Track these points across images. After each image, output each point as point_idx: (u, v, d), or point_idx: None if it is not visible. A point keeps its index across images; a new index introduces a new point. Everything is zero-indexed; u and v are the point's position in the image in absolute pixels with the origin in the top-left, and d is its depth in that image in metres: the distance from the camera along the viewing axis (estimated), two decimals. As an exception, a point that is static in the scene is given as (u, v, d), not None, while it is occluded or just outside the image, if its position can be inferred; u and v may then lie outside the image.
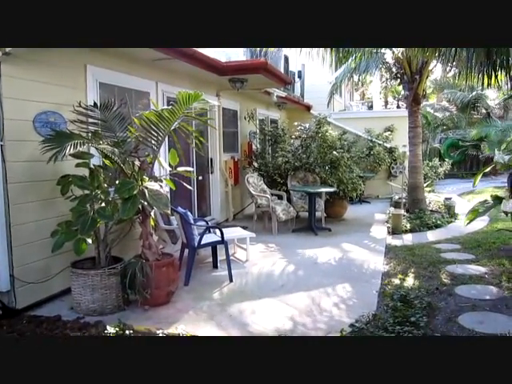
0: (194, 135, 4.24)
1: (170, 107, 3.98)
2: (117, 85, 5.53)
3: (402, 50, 9.13)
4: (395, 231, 8.01)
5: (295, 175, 9.19)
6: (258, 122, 10.81)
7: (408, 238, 7.60)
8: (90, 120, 4.55)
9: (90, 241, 3.92)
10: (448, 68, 9.33)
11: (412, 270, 5.53)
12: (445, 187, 15.15)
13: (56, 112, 4.66)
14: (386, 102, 24.85)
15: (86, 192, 4.02)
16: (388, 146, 12.84)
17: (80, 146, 3.70)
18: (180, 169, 4.73)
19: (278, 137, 10.15)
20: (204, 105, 4.11)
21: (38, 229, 4.39)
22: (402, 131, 11.42)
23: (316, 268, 5.75)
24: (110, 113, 4.59)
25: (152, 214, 4.46)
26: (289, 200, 8.71)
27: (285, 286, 5.00)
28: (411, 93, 9.52)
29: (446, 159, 16.91)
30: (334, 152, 8.97)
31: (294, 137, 10.03)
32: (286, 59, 11.46)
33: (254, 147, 10.32)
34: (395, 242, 7.29)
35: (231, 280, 5.16)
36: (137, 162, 4.16)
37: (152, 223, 4.50)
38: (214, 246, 5.59)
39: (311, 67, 13.78)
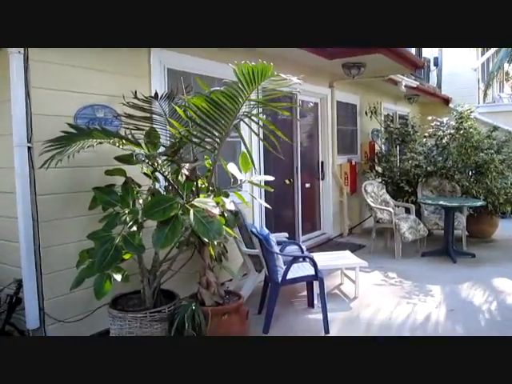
0: (261, 125, 2.89)
1: (226, 89, 2.72)
2: (193, 72, 4.42)
3: None
4: None
5: (428, 183, 7.36)
6: (382, 117, 9.12)
7: None
8: (145, 114, 3.53)
9: (118, 277, 2.84)
10: None
11: None
12: None
13: (107, 106, 3.72)
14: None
15: (118, 210, 2.95)
16: (554, 144, 10.14)
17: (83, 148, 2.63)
18: (256, 178, 3.47)
19: (406, 135, 8.36)
20: (279, 84, 2.77)
21: (78, 251, 3.46)
22: None
23: (454, 319, 4.04)
24: (170, 105, 3.55)
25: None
26: (418, 214, 6.93)
27: (404, 350, 3.44)
28: None
29: None
30: (481, 154, 6.95)
31: (427, 135, 8.16)
32: (419, 42, 9.55)
33: (377, 148, 8.67)
34: None
35: (327, 331, 3.74)
36: (184, 171, 2.98)
37: (212, 252, 3.29)
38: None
39: (450, 54, 11.64)
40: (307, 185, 7.00)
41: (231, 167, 3.47)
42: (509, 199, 6.94)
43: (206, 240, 2.94)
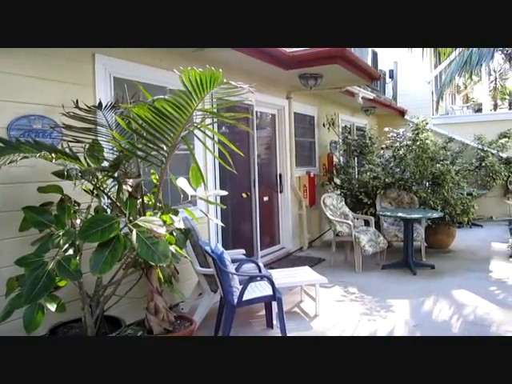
0: (211, 136, 2.71)
1: (171, 97, 2.50)
2: (141, 81, 4.15)
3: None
4: (526, 271, 5.89)
5: (386, 194, 7.33)
6: (340, 129, 9.09)
7: (547, 283, 5.45)
8: (88, 125, 3.25)
9: (52, 307, 2.54)
10: None
11: None
12: None
13: (45, 116, 3.41)
14: (496, 105, 21.59)
15: (54, 232, 2.65)
16: (504, 155, 10.45)
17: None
18: (209, 193, 3.25)
19: (364, 147, 8.35)
20: (230, 92, 2.58)
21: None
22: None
23: (417, 334, 3.93)
24: (113, 115, 3.29)
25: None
26: (377, 226, 6.88)
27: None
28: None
29: None
30: (438, 165, 6.99)
31: (384, 146, 8.17)
32: (375, 55, 9.63)
33: (335, 160, 8.62)
34: (530, 288, 5.20)
35: (286, 354, 3.53)
36: (126, 187, 2.72)
37: (160, 275, 3.03)
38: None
39: (404, 67, 11.83)
40: (265, 198, 6.82)
41: (181, 182, 3.23)
42: (465, 210, 6.99)
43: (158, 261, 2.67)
